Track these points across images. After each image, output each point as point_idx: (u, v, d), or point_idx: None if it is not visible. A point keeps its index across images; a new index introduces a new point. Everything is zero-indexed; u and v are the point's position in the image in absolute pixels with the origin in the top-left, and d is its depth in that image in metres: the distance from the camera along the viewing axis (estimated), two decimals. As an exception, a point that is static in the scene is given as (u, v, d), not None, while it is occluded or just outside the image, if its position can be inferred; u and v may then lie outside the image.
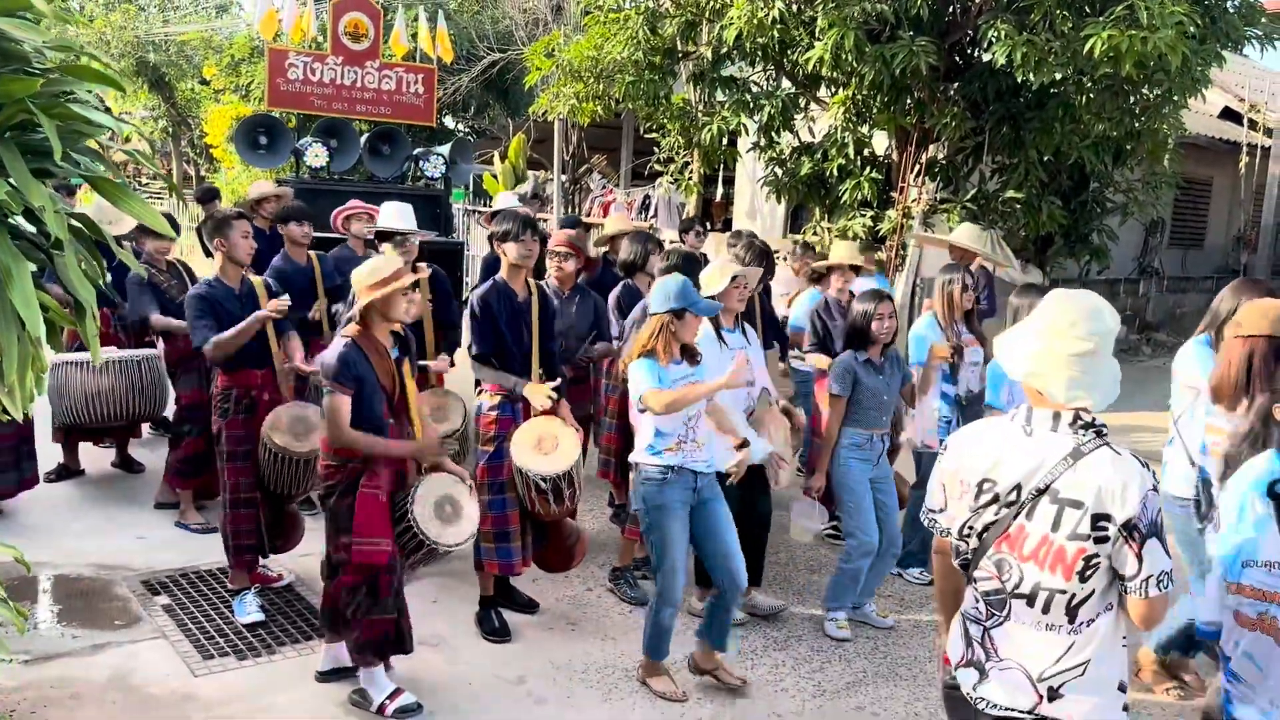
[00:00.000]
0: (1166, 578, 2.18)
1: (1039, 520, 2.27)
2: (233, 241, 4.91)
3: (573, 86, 10.89)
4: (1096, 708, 2.28)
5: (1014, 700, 2.35)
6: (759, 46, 9.65)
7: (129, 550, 5.55)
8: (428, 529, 3.97)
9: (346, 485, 3.95)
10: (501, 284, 4.74)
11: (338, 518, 3.97)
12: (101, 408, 6.16)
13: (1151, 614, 2.22)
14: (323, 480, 4.04)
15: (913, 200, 9.85)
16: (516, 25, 16.17)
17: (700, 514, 4.19)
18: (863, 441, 4.81)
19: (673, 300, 4.06)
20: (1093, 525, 2.20)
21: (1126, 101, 8.73)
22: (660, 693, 4.23)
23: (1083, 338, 2.27)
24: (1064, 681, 2.30)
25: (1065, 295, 2.37)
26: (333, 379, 3.87)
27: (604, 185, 15.75)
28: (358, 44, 8.88)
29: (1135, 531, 2.16)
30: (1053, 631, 2.30)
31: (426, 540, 3.96)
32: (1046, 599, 2.28)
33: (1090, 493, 2.20)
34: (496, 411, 4.70)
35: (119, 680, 4.18)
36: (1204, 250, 16.81)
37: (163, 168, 26.30)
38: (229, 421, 4.83)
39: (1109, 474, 2.20)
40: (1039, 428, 2.31)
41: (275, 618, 4.81)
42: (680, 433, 4.12)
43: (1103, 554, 2.21)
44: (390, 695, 3.99)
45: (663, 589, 4.14)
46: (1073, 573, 2.24)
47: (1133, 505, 2.17)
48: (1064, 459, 2.25)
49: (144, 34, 21.32)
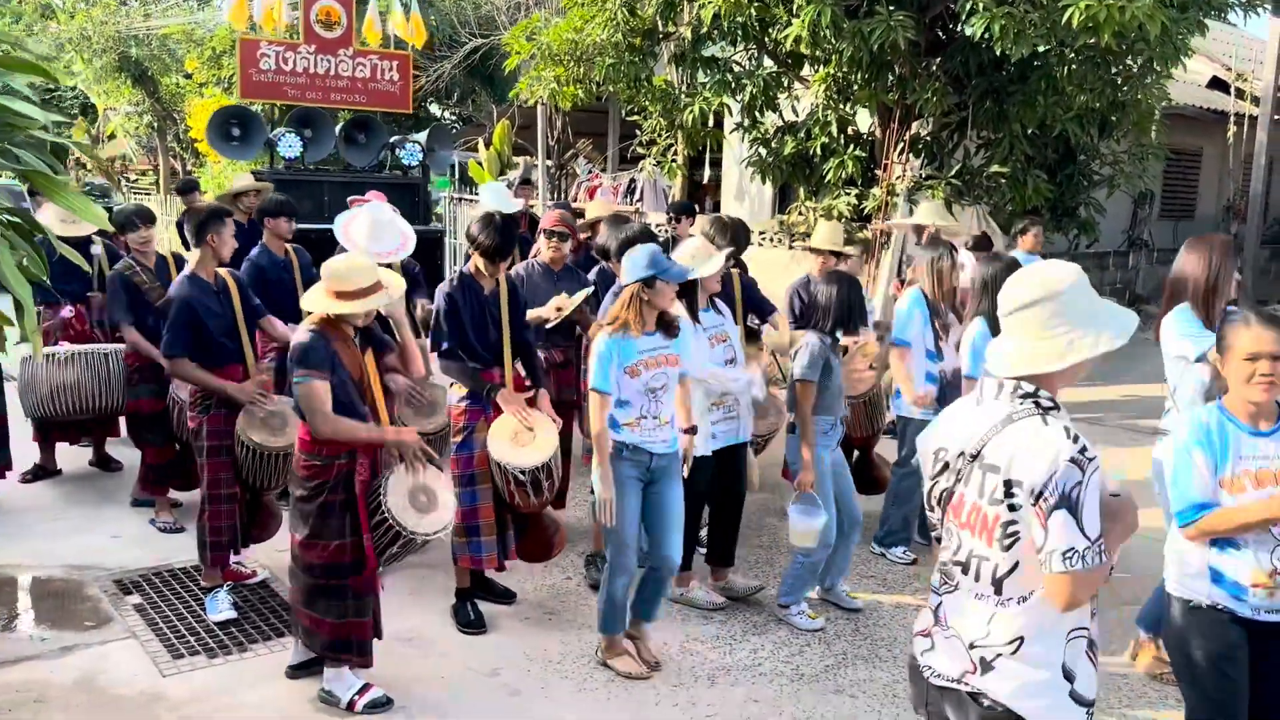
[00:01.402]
0: (1076, 556, 2.09)
1: (971, 486, 2.29)
2: (223, 239, 4.82)
3: (553, 70, 10.79)
4: (1026, 688, 2.22)
5: (951, 668, 2.35)
6: (738, 25, 9.55)
7: (102, 549, 5.49)
8: (404, 519, 3.89)
9: (335, 482, 3.86)
10: (468, 277, 4.67)
11: (326, 515, 3.85)
12: (68, 401, 6.09)
13: (1059, 591, 2.13)
14: (304, 480, 3.90)
15: (897, 177, 9.76)
16: (499, 10, 16.03)
17: (650, 492, 4.20)
18: (826, 427, 4.72)
19: (643, 268, 4.02)
20: (1005, 491, 2.19)
21: (1108, 72, 8.64)
22: (624, 673, 4.22)
23: (1011, 313, 2.29)
24: (996, 655, 2.25)
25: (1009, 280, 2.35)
26: (306, 366, 3.77)
27: (590, 170, 15.64)
28: (330, 32, 8.77)
29: (1041, 500, 2.12)
30: (982, 601, 2.28)
31: (404, 531, 3.88)
32: (977, 567, 2.29)
33: (1006, 457, 2.20)
34: (466, 403, 4.63)
35: (86, 682, 4.12)
36: (1195, 221, 16.71)
37: (149, 163, 26.17)
38: (210, 417, 4.74)
39: (1026, 440, 2.18)
40: (987, 397, 2.32)
41: (248, 614, 4.75)
42: (643, 405, 4.11)
43: (1020, 522, 2.18)
44: (359, 691, 3.94)
45: (613, 561, 4.17)
46: (994, 540, 2.24)
47: (1040, 472, 2.12)
48: (995, 425, 2.25)
49: (125, 29, 21.11)
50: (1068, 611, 2.17)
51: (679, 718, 3.97)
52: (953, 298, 5.48)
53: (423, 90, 16.68)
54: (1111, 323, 2.23)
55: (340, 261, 3.97)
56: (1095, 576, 2.13)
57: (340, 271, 3.88)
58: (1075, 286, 2.25)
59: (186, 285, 4.76)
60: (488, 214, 4.67)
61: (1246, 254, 12.54)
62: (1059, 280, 2.25)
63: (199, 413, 4.77)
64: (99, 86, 22.79)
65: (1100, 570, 2.13)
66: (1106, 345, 2.20)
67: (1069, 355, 2.20)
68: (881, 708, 4.08)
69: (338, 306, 3.84)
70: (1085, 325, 2.22)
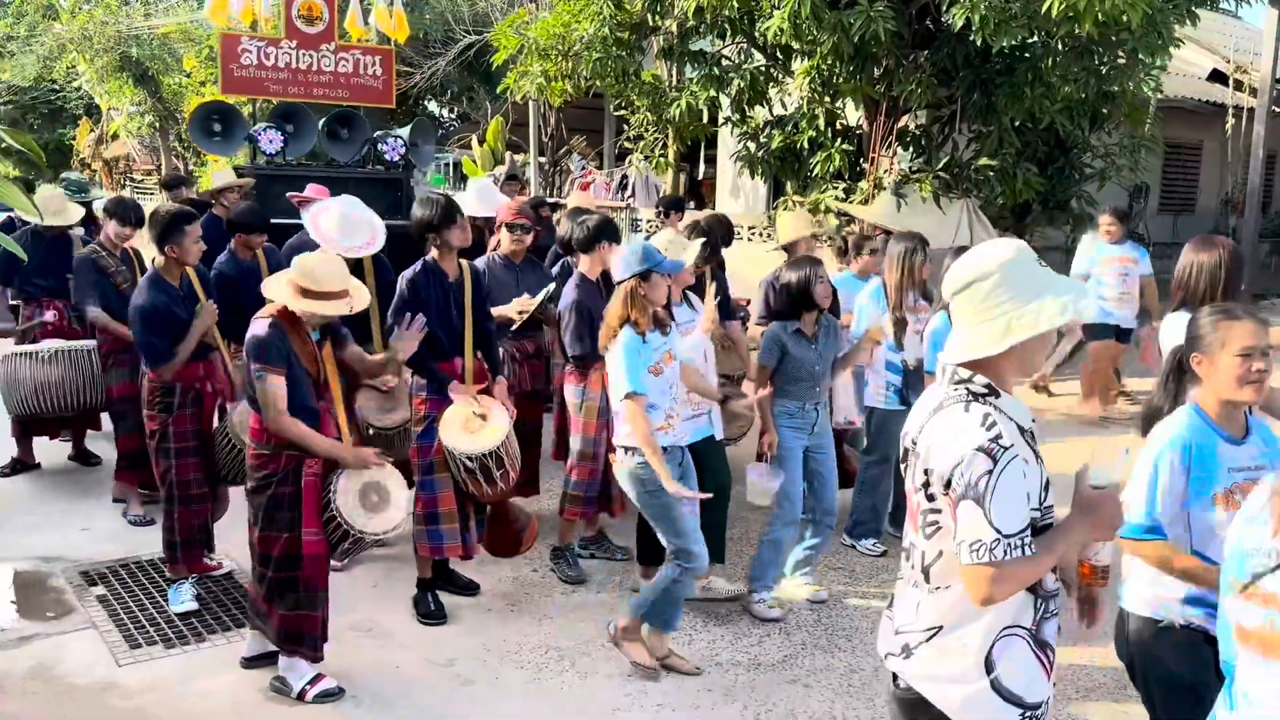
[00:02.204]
0: (984, 549, 2.00)
1: (907, 474, 2.26)
2: (184, 248, 4.73)
3: (540, 65, 10.77)
4: (937, 675, 2.18)
5: (883, 648, 2.35)
6: (724, 18, 9.52)
7: (73, 542, 5.51)
8: (353, 519, 3.86)
9: (284, 474, 3.84)
10: (432, 265, 4.66)
11: (275, 508, 3.85)
12: (52, 398, 6.11)
13: (970, 583, 2.05)
14: (254, 470, 3.90)
15: (884, 171, 9.71)
16: (494, 7, 16.04)
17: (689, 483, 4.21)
18: (795, 410, 4.71)
19: (637, 263, 3.99)
20: (924, 480, 2.15)
21: (1092, 62, 8.58)
22: (636, 662, 4.15)
23: (952, 296, 2.21)
24: (916, 641, 2.22)
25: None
26: (263, 361, 3.75)
27: (583, 166, 15.64)
28: (312, 27, 8.75)
29: (950, 489, 2.06)
30: (915, 588, 2.25)
31: (352, 530, 3.86)
32: (910, 554, 2.27)
33: (925, 445, 2.15)
34: (426, 392, 4.63)
35: (42, 671, 4.13)
36: (1195, 215, 16.61)
37: (152, 163, 26.26)
38: (176, 417, 4.70)
39: (943, 427, 2.11)
40: (939, 384, 2.25)
41: (209, 605, 4.76)
42: (666, 405, 4.09)
43: (940, 511, 2.12)
44: (311, 680, 3.94)
45: (690, 565, 4.07)
46: (918, 527, 2.20)
47: (949, 461, 2.06)
48: (928, 413, 2.20)
49: (126, 29, 21.20)
50: (985, 607, 2.07)
51: (628, 707, 3.96)
52: (924, 289, 5.46)
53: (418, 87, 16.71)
54: (1054, 299, 2.05)
55: (315, 260, 3.93)
56: (1019, 573, 2.02)
57: (312, 270, 3.85)
58: (1013, 263, 2.10)
59: (152, 291, 4.69)
60: (425, 196, 4.68)
61: (1245, 248, 12.45)
62: (993, 258, 2.11)
63: (161, 412, 4.72)
64: (102, 86, 22.90)
65: (1026, 568, 2.01)
66: (1049, 323, 2.04)
67: (1007, 337, 2.06)
68: (835, 696, 4.06)
69: (299, 304, 3.82)
70: (1025, 304, 2.06)
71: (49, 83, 26.64)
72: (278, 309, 3.87)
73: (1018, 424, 2.11)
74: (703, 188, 17.31)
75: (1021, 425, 2.12)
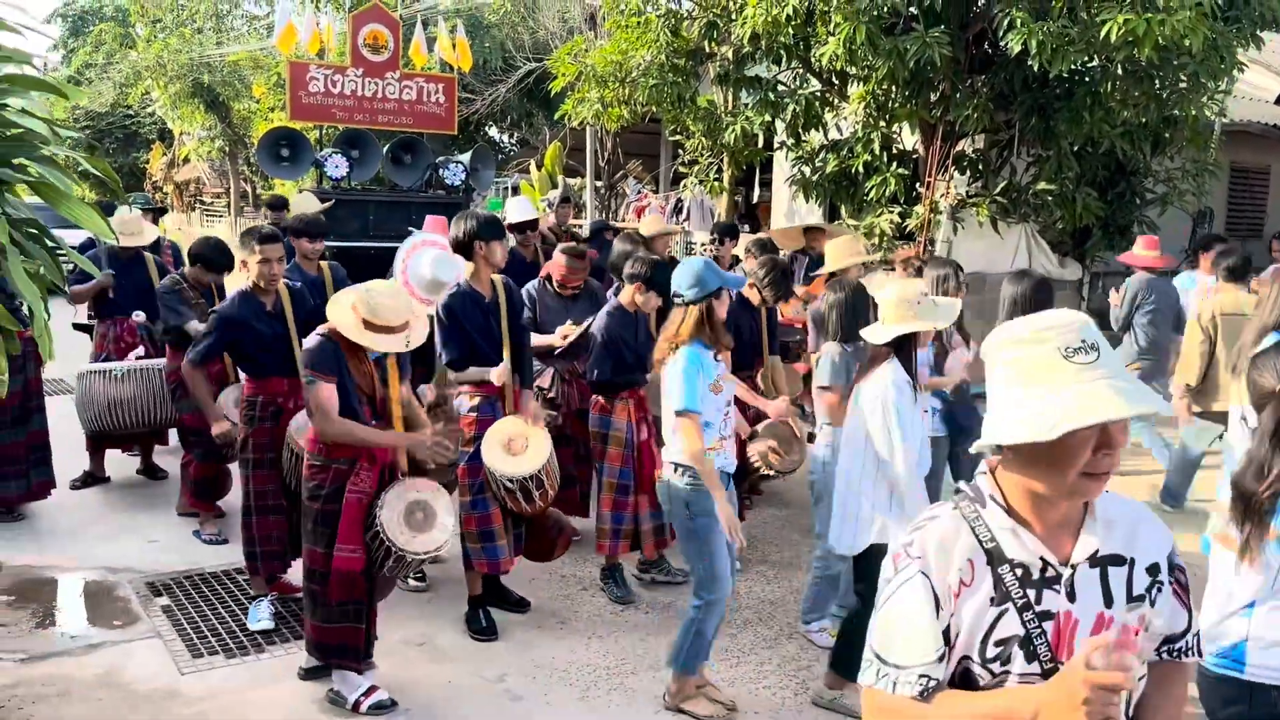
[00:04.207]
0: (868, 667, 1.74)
1: None
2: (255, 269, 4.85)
3: (598, 91, 10.94)
4: None
5: None
6: (779, 44, 9.60)
7: (139, 553, 5.68)
8: (395, 536, 3.89)
9: (333, 490, 3.92)
10: (466, 288, 4.75)
11: (318, 522, 3.94)
12: (124, 415, 6.32)
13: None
14: (306, 481, 4.00)
15: (940, 195, 9.69)
16: (553, 35, 16.29)
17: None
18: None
19: (712, 281, 3.95)
20: None
21: (1152, 87, 8.50)
22: (704, 716, 4.01)
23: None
24: None
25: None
26: (313, 368, 3.84)
27: (639, 190, 15.77)
28: (377, 55, 9.01)
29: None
30: None
31: (394, 548, 3.89)
32: None
33: None
34: (476, 412, 4.72)
35: (108, 678, 4.28)
36: (1263, 240, 16.23)
37: (221, 186, 27.00)
38: (256, 430, 4.84)
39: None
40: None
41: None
42: (721, 425, 4.02)
43: None
44: (365, 693, 4.02)
45: (713, 597, 3.95)
46: None
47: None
48: None
49: (198, 56, 21.90)
50: None
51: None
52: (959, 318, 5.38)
53: (478, 114, 17.01)
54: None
55: (383, 292, 3.94)
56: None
57: (376, 305, 3.86)
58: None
59: (240, 304, 4.86)
60: (465, 212, 4.83)
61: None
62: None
63: (245, 423, 4.87)
64: (174, 112, 23.65)
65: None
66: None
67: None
68: (883, 723, 4.03)
69: (355, 334, 3.86)
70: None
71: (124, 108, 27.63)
72: (330, 327, 3.95)
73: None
74: (758, 211, 17.35)
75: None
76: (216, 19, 24.62)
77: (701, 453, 3.84)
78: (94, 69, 28.57)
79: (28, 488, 6.08)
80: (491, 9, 17.22)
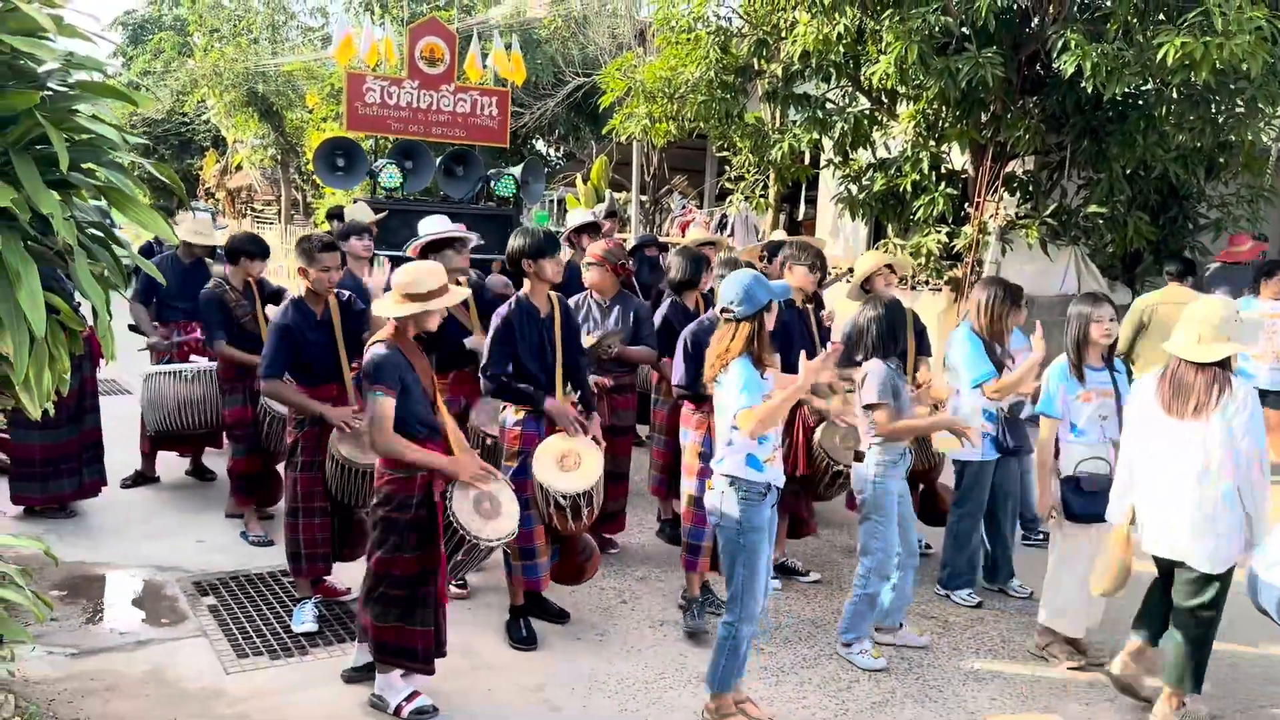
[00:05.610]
0: None
1: None
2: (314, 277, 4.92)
3: (646, 107, 11.00)
4: None
5: None
6: (829, 63, 9.61)
7: (187, 554, 5.77)
8: (469, 525, 3.98)
9: (422, 496, 3.98)
10: (524, 301, 4.78)
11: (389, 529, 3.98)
12: (193, 415, 6.45)
13: None
14: (390, 492, 3.99)
15: (989, 216, 9.62)
16: (602, 50, 16.40)
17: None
18: (897, 458, 4.65)
19: (762, 295, 3.91)
20: None
21: (1208, 111, 8.38)
22: None
23: None
24: None
25: None
26: (378, 381, 3.89)
27: (684, 205, 15.81)
28: (433, 68, 9.14)
29: None
30: None
31: (468, 536, 3.97)
32: None
33: None
34: (521, 427, 4.74)
35: (155, 675, 4.35)
36: (1320, 269, 15.92)
37: (272, 193, 27.44)
38: (305, 433, 4.89)
39: None
40: None
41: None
42: (774, 439, 3.95)
43: None
44: (407, 697, 4.06)
45: (747, 612, 3.95)
46: None
47: None
48: None
49: (254, 66, 22.31)
50: None
51: (715, 744, 3.98)
52: (1002, 337, 5.34)
53: (526, 127, 17.15)
54: None
55: (411, 267, 4.10)
56: None
57: (409, 276, 4.03)
58: None
59: (290, 311, 4.93)
60: (523, 227, 4.87)
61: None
62: None
63: (295, 428, 4.94)
64: (228, 120, 24.09)
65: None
66: None
67: None
68: (924, 747, 4.01)
69: (405, 309, 3.97)
70: None
71: (180, 115, 28.18)
72: (390, 331, 4.04)
73: None
74: (803, 228, 17.31)
75: None
76: (272, 30, 25.09)
77: (766, 410, 3.77)
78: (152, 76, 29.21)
79: (80, 485, 6.21)
80: (544, 24, 17.39)
